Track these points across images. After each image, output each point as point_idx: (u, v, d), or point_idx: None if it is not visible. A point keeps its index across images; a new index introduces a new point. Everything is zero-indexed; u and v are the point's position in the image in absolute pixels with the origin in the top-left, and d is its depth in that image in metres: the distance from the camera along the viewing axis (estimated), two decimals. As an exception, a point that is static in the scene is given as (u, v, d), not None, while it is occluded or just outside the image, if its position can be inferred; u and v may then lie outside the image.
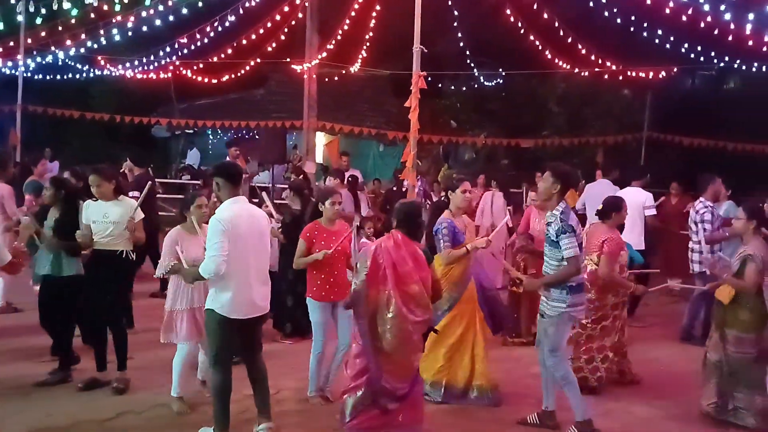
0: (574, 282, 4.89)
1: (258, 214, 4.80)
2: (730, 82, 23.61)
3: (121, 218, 5.64)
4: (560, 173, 4.91)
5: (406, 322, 4.46)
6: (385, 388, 4.49)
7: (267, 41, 12.71)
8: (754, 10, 8.32)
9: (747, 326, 5.26)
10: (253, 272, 4.62)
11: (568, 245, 4.75)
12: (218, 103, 18.90)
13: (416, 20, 7.93)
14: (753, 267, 5.20)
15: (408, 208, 4.85)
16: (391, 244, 4.57)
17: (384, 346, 4.47)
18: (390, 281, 4.46)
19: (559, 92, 17.27)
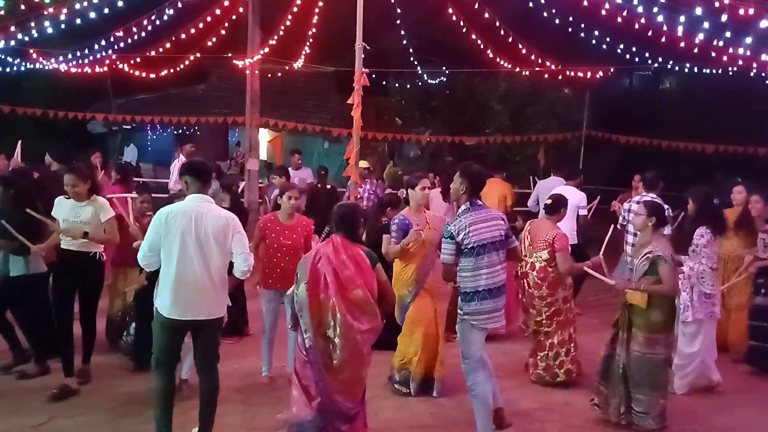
0: (469, 289, 4.79)
1: (215, 214, 4.54)
2: (666, 83, 24.37)
3: (94, 218, 5.56)
4: (469, 173, 4.88)
5: (353, 331, 4.28)
6: (334, 408, 4.32)
7: (207, 36, 12.47)
8: (685, 12, 8.56)
9: (660, 327, 5.19)
10: (199, 272, 4.42)
11: (444, 250, 4.83)
12: (157, 98, 18.49)
13: (358, 18, 7.92)
14: (668, 268, 5.09)
15: (345, 210, 4.73)
16: (330, 250, 4.42)
17: (333, 360, 4.29)
18: (332, 288, 4.29)
19: (501, 91, 17.49)
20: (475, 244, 4.75)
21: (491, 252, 4.81)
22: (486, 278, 4.79)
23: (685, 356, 6.09)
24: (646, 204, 5.46)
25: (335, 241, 4.49)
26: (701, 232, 6.01)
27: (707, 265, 6.00)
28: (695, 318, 6.00)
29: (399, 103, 19.92)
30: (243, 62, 12.08)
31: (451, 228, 4.77)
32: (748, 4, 7.64)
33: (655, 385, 5.20)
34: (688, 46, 10.47)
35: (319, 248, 4.52)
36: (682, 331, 6.09)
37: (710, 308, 6.04)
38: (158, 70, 14.22)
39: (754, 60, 11.15)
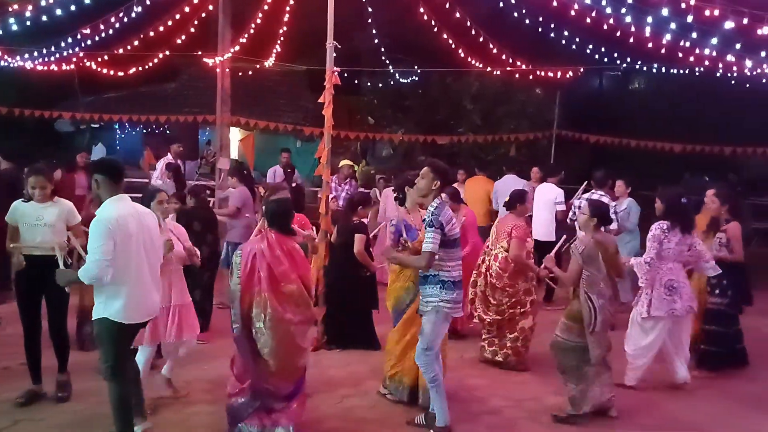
0: (447, 278, 4.89)
1: (146, 212, 4.60)
2: (635, 83, 24.71)
3: (58, 220, 5.36)
4: (439, 170, 4.97)
5: (284, 323, 4.45)
6: (268, 389, 4.49)
7: (177, 33, 12.32)
8: (652, 13, 8.68)
9: (576, 317, 5.40)
10: (147, 273, 4.44)
11: (430, 239, 4.77)
12: (126, 96, 18.25)
13: (329, 16, 7.85)
14: (572, 260, 5.40)
15: (278, 205, 4.84)
16: (265, 245, 4.53)
17: (261, 350, 4.46)
18: (264, 283, 4.43)
19: (473, 90, 17.55)
20: (455, 236, 4.93)
21: (459, 246, 5.07)
22: (457, 270, 4.99)
23: (637, 348, 6.20)
24: (590, 203, 5.65)
25: (269, 237, 4.61)
26: (652, 227, 6.15)
27: (645, 258, 6.07)
28: (652, 315, 6.05)
29: (371, 102, 19.89)
30: (213, 60, 11.98)
31: (441, 219, 4.80)
32: (713, 6, 7.76)
33: (563, 369, 5.48)
34: (656, 47, 10.61)
35: (254, 243, 4.62)
36: (640, 324, 6.18)
37: (671, 305, 6.04)
38: (127, 68, 14.03)
39: (719, 60, 11.34)
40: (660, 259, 6.06)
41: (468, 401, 5.82)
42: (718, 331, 6.68)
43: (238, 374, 4.60)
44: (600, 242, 5.41)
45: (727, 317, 6.70)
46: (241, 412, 4.57)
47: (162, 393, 5.58)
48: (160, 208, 5.39)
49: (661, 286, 6.05)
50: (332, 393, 5.90)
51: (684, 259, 6.21)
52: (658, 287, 6.05)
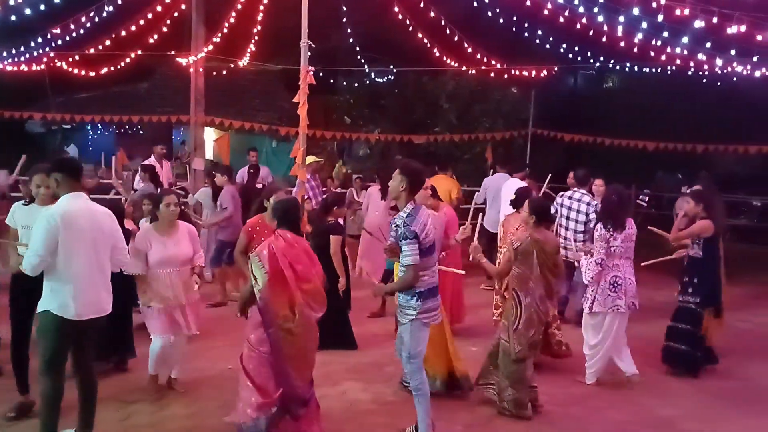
0: (423, 288, 4.76)
1: (101, 210, 4.59)
2: (609, 81, 24.96)
3: None
4: (408, 171, 4.77)
5: (310, 320, 4.52)
6: (297, 395, 4.48)
7: (149, 33, 12.19)
8: (623, 12, 8.77)
9: (507, 314, 5.51)
10: (96, 270, 4.45)
11: (408, 252, 4.60)
12: (99, 96, 18.00)
13: (303, 15, 7.83)
14: (504, 254, 5.59)
15: (287, 204, 4.86)
16: (283, 244, 4.53)
17: (294, 350, 4.46)
18: (291, 282, 4.44)
19: (449, 89, 17.58)
20: (429, 244, 4.76)
21: (434, 252, 4.89)
22: (432, 276, 4.86)
23: (589, 347, 6.29)
24: (530, 202, 5.74)
25: (285, 236, 4.61)
26: (596, 227, 6.26)
27: (594, 259, 6.15)
28: (597, 310, 6.15)
29: (348, 102, 19.83)
30: (187, 60, 11.86)
31: (414, 228, 4.61)
32: (683, 5, 7.85)
33: (503, 371, 5.51)
34: (628, 46, 10.73)
35: (270, 244, 4.56)
36: (588, 322, 6.27)
37: (615, 301, 6.11)
38: (98, 68, 13.86)
39: (691, 59, 11.49)
40: (607, 256, 6.15)
41: (444, 399, 5.82)
42: (686, 329, 6.64)
43: (260, 384, 4.43)
44: (537, 240, 5.42)
45: (697, 317, 6.64)
46: (271, 423, 4.43)
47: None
48: (167, 211, 5.46)
49: (606, 283, 6.12)
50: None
51: (631, 255, 6.28)
52: (603, 284, 6.13)
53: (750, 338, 8.17)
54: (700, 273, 6.61)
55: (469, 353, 7.13)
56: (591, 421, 5.53)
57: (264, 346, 4.47)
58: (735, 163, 18.97)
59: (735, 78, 14.25)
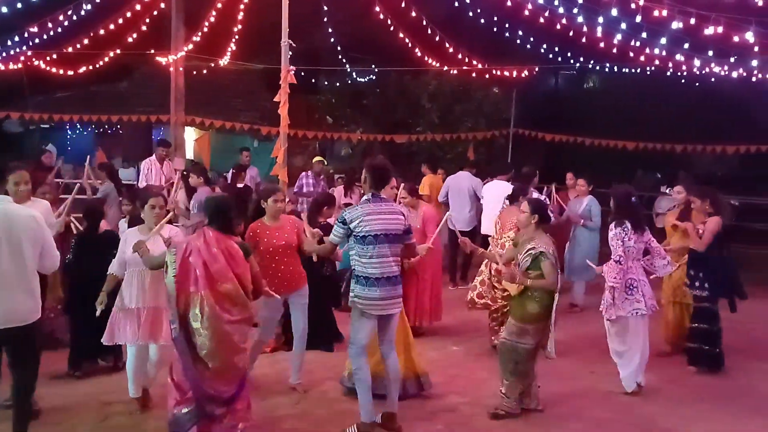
0: (362, 274, 4.92)
1: (18, 214, 4.41)
2: (589, 82, 25.13)
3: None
4: (371, 167, 5.11)
5: (221, 322, 4.35)
6: (209, 393, 4.36)
7: (128, 31, 12.09)
8: (602, 13, 8.84)
9: (532, 318, 5.34)
10: (12, 276, 4.28)
11: (333, 232, 5.04)
12: (78, 96, 17.79)
13: (284, 14, 7.83)
14: (549, 264, 5.27)
15: (218, 202, 4.77)
16: (201, 243, 4.44)
17: (200, 351, 4.35)
18: (201, 281, 4.33)
19: (431, 89, 17.61)
20: (366, 234, 4.89)
21: (382, 243, 4.93)
22: (375, 267, 4.91)
23: (618, 354, 6.12)
24: (530, 201, 5.65)
25: (207, 234, 4.52)
26: (611, 226, 6.07)
27: (613, 259, 5.98)
28: (618, 316, 5.97)
29: (329, 102, 19.79)
30: (167, 59, 11.79)
31: (345, 215, 4.96)
32: (661, 6, 7.93)
33: (515, 371, 5.40)
34: (608, 46, 10.82)
35: (190, 241, 4.51)
36: (611, 329, 6.11)
37: (634, 305, 5.96)
38: (77, 67, 13.72)
39: (669, 60, 11.61)
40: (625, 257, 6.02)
41: (425, 399, 5.83)
42: (703, 328, 6.66)
43: (178, 382, 4.41)
44: (554, 242, 5.42)
45: (712, 315, 6.68)
46: (183, 424, 4.37)
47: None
48: (151, 212, 5.30)
49: (622, 286, 5.97)
50: (290, 394, 5.86)
51: (641, 257, 6.16)
52: (619, 288, 5.97)
53: (728, 336, 8.22)
54: (706, 268, 6.65)
55: (450, 353, 7.19)
56: (572, 419, 5.54)
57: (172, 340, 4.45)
58: (713, 162, 19.18)
59: (713, 78, 14.40)
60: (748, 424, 5.61)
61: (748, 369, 6.94)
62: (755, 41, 8.10)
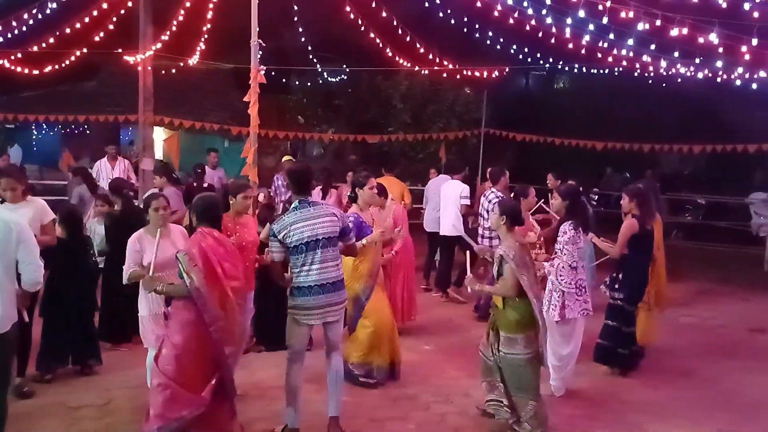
0: (298, 284, 4.83)
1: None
2: (560, 82, 25.40)
3: (32, 220, 5.26)
4: (290, 172, 5.15)
5: (238, 316, 4.60)
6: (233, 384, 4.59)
7: (95, 30, 11.91)
8: (570, 14, 8.93)
9: (515, 327, 5.03)
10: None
11: (271, 248, 4.92)
12: (44, 95, 17.48)
13: (253, 14, 7.76)
14: (508, 268, 4.99)
15: (209, 201, 4.80)
16: (212, 242, 4.51)
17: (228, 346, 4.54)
18: (222, 279, 4.44)
19: (402, 89, 17.67)
20: (297, 243, 4.78)
21: (315, 250, 4.81)
22: (313, 274, 4.81)
23: (560, 357, 5.98)
24: (500, 203, 5.40)
25: (212, 234, 4.60)
26: (564, 229, 5.92)
27: (567, 262, 5.84)
28: (569, 317, 5.86)
29: (301, 102, 19.77)
30: (134, 58, 11.63)
31: (274, 227, 4.87)
32: (627, 8, 8.04)
33: (520, 386, 5.06)
34: (576, 47, 10.92)
35: (199, 241, 4.52)
36: (557, 331, 5.94)
37: (583, 306, 5.93)
38: (43, 67, 13.48)
39: (636, 61, 11.77)
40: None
41: (397, 399, 5.85)
42: (614, 326, 6.58)
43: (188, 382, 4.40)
44: (523, 245, 5.21)
45: (626, 315, 6.59)
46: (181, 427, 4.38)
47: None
48: (155, 215, 5.28)
49: (573, 287, 5.87)
50: (262, 396, 5.84)
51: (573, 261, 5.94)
52: (571, 288, 5.87)
53: (695, 333, 8.39)
54: (627, 270, 6.55)
55: (423, 352, 7.22)
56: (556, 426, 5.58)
57: (193, 343, 4.40)
58: (680, 162, 19.51)
59: (679, 79, 14.63)
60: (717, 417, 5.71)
61: (714, 366, 7.06)
62: (719, 42, 8.25)
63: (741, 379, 6.69)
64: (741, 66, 11.45)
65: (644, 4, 8.10)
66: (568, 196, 6.09)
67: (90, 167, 16.31)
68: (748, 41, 8.31)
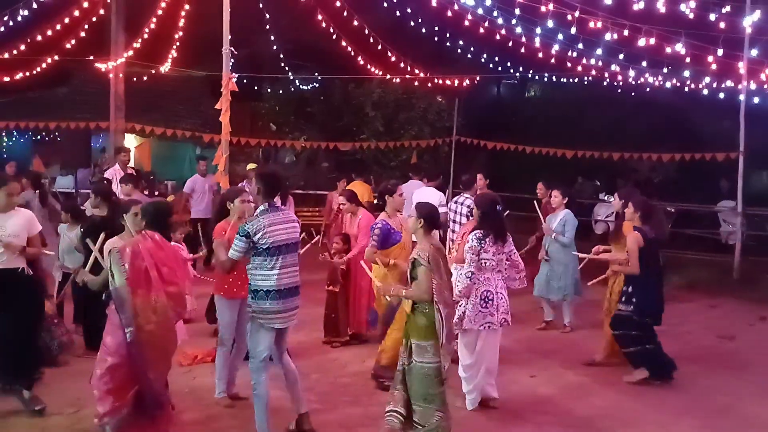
0: (261, 288, 4.83)
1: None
2: (531, 91, 25.67)
3: (22, 230, 5.24)
4: (262, 176, 5.10)
5: (170, 322, 4.50)
6: (155, 395, 4.43)
7: (66, 37, 11.82)
8: (540, 24, 9.06)
9: (425, 333, 4.76)
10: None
11: (234, 245, 4.84)
12: (14, 102, 17.24)
13: (225, 22, 7.78)
14: (420, 271, 4.77)
15: (159, 207, 4.84)
16: (151, 244, 4.48)
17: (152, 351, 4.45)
18: (155, 283, 4.40)
19: (375, 97, 17.71)
20: (271, 245, 4.79)
21: (286, 254, 4.88)
22: (280, 278, 4.84)
23: (465, 368, 5.80)
24: (418, 206, 5.15)
25: (153, 237, 4.57)
26: (469, 237, 5.75)
27: (464, 272, 5.65)
28: (466, 327, 5.66)
29: (273, 109, 19.74)
30: (106, 65, 11.56)
31: (248, 227, 4.78)
32: (596, 18, 8.19)
33: (426, 395, 4.77)
34: (546, 57, 11.09)
35: (137, 243, 4.51)
36: (460, 341, 5.77)
37: (487, 318, 5.64)
38: (13, 73, 13.33)
39: (605, 70, 11.97)
40: (478, 270, 5.66)
41: (368, 405, 5.85)
42: (624, 334, 6.56)
43: (116, 387, 4.40)
44: (438, 248, 4.96)
45: (632, 322, 6.51)
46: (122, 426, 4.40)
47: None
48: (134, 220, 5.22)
49: (477, 298, 5.64)
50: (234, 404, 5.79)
51: (503, 269, 5.81)
52: (474, 299, 5.64)
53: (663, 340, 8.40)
54: (636, 285, 6.50)
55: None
56: (509, 421, 5.64)
57: (123, 348, 4.39)
58: (650, 170, 19.77)
59: (648, 88, 14.89)
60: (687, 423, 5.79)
61: (679, 371, 7.09)
62: (687, 52, 8.42)
63: (710, 385, 6.75)
64: (708, 76, 11.69)
65: (612, 14, 8.25)
66: (482, 206, 5.85)
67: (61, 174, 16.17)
68: (715, 51, 8.49)
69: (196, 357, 6.80)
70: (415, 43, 14.07)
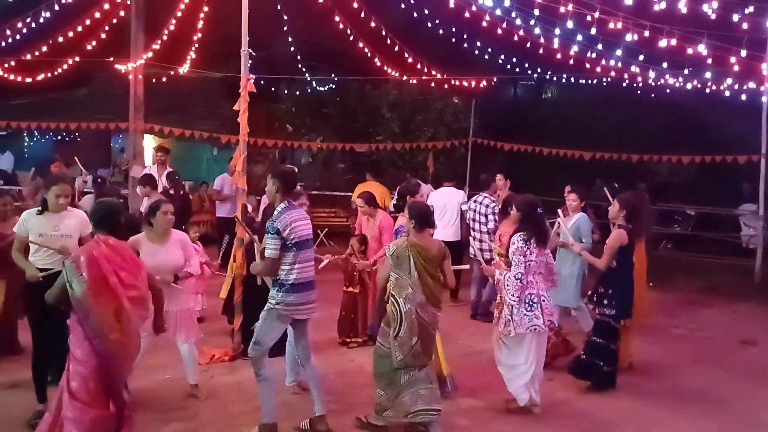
0: (288, 281, 4.98)
1: None
2: (548, 92, 25.53)
3: (76, 231, 5.26)
4: (280, 174, 5.19)
5: (134, 327, 4.39)
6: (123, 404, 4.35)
7: (87, 39, 11.95)
8: (559, 25, 9.00)
9: (387, 320, 5.21)
10: None
11: (270, 245, 4.93)
12: (36, 103, 17.45)
13: (243, 23, 7.79)
14: (386, 262, 5.32)
15: (109, 206, 4.65)
16: (105, 250, 4.30)
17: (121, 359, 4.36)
18: (117, 289, 4.24)
19: (391, 99, 17.71)
20: (297, 239, 4.98)
21: (307, 248, 5.10)
22: (301, 272, 5.03)
23: (507, 368, 5.83)
24: (410, 206, 5.54)
25: (107, 241, 4.36)
26: (513, 239, 5.73)
27: (512, 274, 5.63)
28: (516, 333, 5.63)
29: (290, 110, 19.78)
30: (126, 67, 11.65)
31: (277, 225, 4.92)
32: (616, 19, 8.12)
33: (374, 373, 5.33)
34: (565, 58, 11.02)
35: (92, 248, 4.31)
36: (501, 343, 5.82)
37: (533, 321, 5.61)
38: (35, 74, 13.50)
39: (624, 71, 11.87)
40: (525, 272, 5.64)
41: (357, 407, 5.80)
42: (602, 343, 6.38)
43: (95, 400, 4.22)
44: (415, 245, 5.11)
45: (613, 331, 6.42)
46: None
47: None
48: (163, 219, 5.46)
49: (522, 302, 5.63)
50: (247, 402, 5.80)
51: (543, 271, 5.82)
52: (519, 303, 5.63)
53: (683, 344, 8.39)
54: (615, 284, 6.36)
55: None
56: (527, 427, 5.61)
57: (93, 359, 4.21)
58: (670, 172, 19.57)
59: (668, 90, 14.75)
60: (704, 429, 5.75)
61: (699, 376, 7.07)
62: (708, 53, 8.32)
63: (729, 390, 6.66)
64: (730, 77, 11.55)
65: (633, 15, 8.18)
66: (523, 207, 5.85)
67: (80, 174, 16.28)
68: (737, 52, 8.38)
69: (213, 356, 6.84)
70: (431, 44, 14.02)
